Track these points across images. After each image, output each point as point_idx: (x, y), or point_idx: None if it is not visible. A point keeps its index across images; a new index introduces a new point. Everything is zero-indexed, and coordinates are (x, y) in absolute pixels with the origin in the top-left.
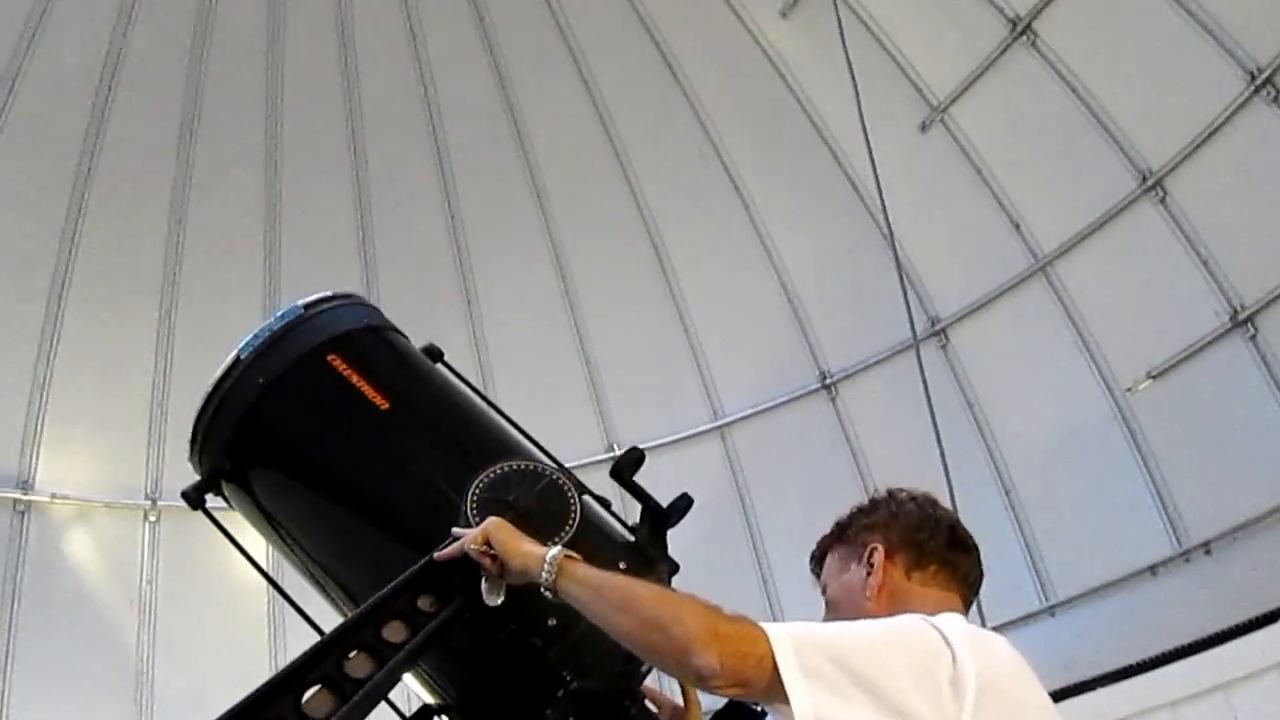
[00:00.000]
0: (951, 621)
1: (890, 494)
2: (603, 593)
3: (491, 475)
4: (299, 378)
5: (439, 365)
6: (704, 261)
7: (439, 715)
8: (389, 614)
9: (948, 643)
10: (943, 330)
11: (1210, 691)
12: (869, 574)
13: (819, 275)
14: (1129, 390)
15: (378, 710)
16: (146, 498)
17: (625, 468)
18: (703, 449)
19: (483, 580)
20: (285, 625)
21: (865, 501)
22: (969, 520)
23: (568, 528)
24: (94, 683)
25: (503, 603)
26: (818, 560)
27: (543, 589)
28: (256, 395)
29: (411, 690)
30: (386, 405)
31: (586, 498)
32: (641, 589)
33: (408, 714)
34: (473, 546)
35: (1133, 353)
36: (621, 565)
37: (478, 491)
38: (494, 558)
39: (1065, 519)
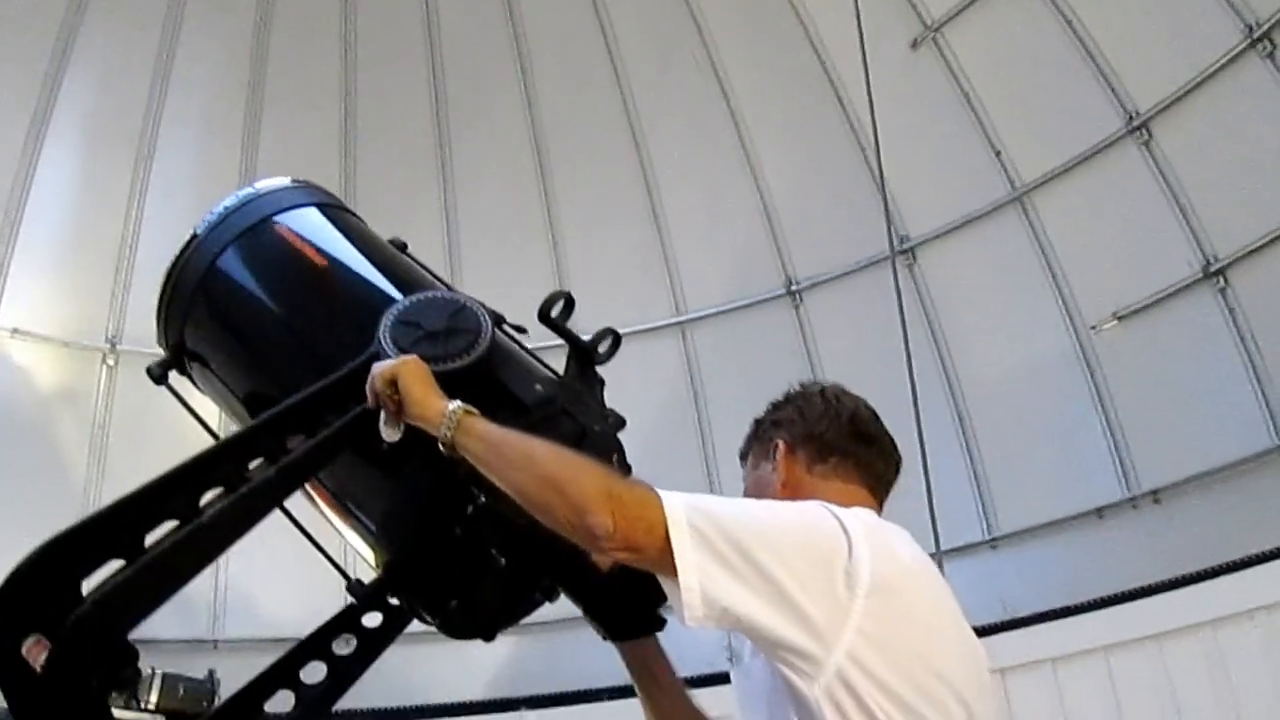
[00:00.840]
0: (853, 514)
1: (802, 388)
2: (500, 449)
3: (409, 302)
4: (247, 247)
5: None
6: (684, 160)
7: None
8: (294, 425)
9: (846, 534)
10: (911, 250)
11: (1143, 640)
12: (774, 470)
13: (795, 183)
14: (1094, 329)
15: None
16: (106, 341)
17: (550, 305)
18: (663, 344)
19: (382, 416)
20: None
21: (780, 397)
22: (917, 443)
23: (476, 345)
24: (37, 511)
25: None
26: (743, 458)
27: (440, 444)
28: (207, 266)
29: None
30: (324, 263)
31: (506, 327)
32: (540, 447)
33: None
34: (377, 386)
35: (1101, 293)
36: (538, 388)
37: (392, 315)
38: (397, 401)
39: (1017, 453)
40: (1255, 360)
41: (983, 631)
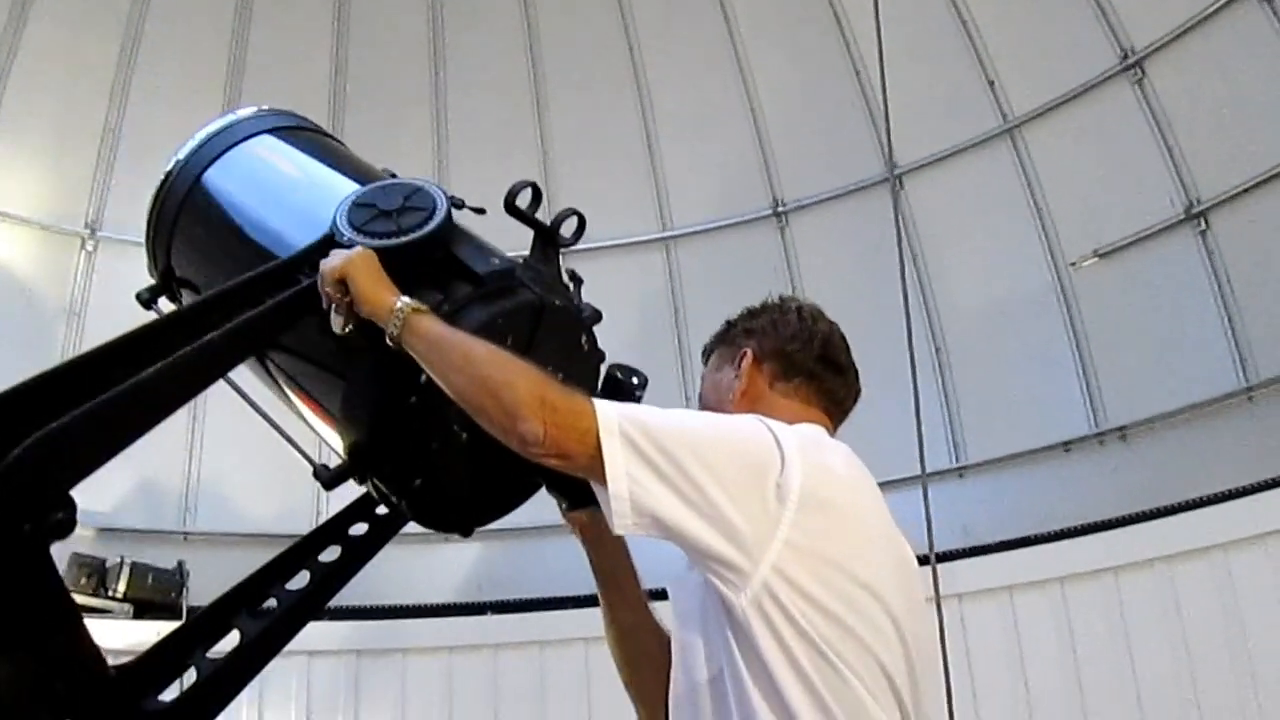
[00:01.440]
0: (791, 429)
1: (781, 301)
2: (441, 350)
3: (367, 188)
4: (225, 168)
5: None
6: (678, 77)
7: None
8: (247, 303)
9: (780, 448)
10: (900, 177)
11: (1101, 572)
12: (736, 377)
13: (789, 105)
14: (1073, 265)
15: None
16: (86, 226)
17: (515, 194)
18: (647, 258)
19: (332, 308)
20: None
21: (757, 304)
22: (893, 370)
23: (430, 220)
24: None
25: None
26: (705, 355)
27: (387, 339)
28: (188, 190)
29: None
30: (298, 174)
31: (467, 210)
32: (480, 350)
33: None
34: (326, 286)
35: (1084, 229)
36: (494, 261)
37: (349, 199)
38: (347, 301)
39: (989, 384)
40: (1229, 303)
41: (943, 557)
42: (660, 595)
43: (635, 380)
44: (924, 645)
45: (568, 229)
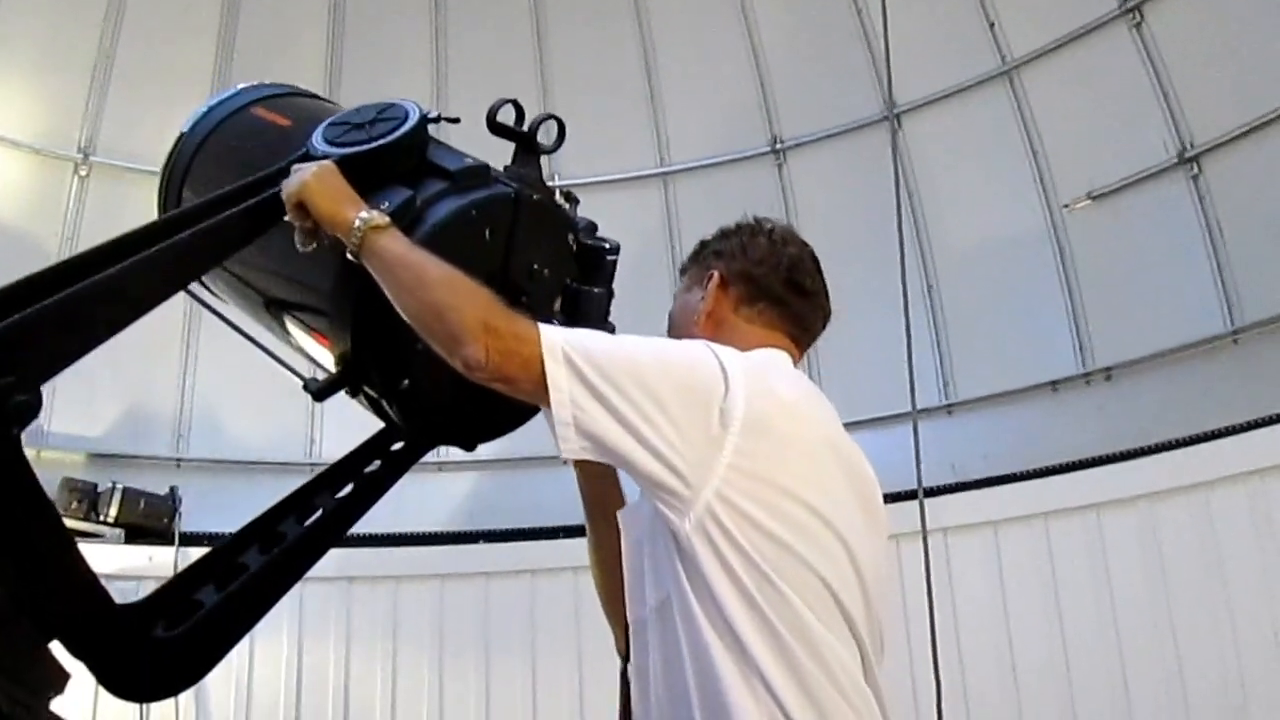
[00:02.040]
0: (740, 355)
1: (755, 222)
2: (394, 270)
3: (345, 111)
4: (228, 131)
5: None
6: (679, 9)
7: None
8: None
9: (724, 372)
10: (898, 116)
11: (1083, 509)
12: (702, 299)
13: (789, 42)
14: (1066, 208)
15: None
16: (79, 151)
17: (496, 110)
18: (644, 193)
19: (296, 229)
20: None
21: (731, 225)
22: (886, 308)
23: (402, 125)
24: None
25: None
26: (681, 274)
27: (348, 255)
28: (194, 153)
29: None
30: (291, 123)
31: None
32: (433, 272)
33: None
34: (287, 206)
35: (1078, 172)
36: (468, 160)
37: (326, 121)
38: (309, 225)
39: (980, 323)
40: (1218, 247)
41: (931, 493)
42: None
43: (607, 245)
44: (881, 568)
45: (548, 137)
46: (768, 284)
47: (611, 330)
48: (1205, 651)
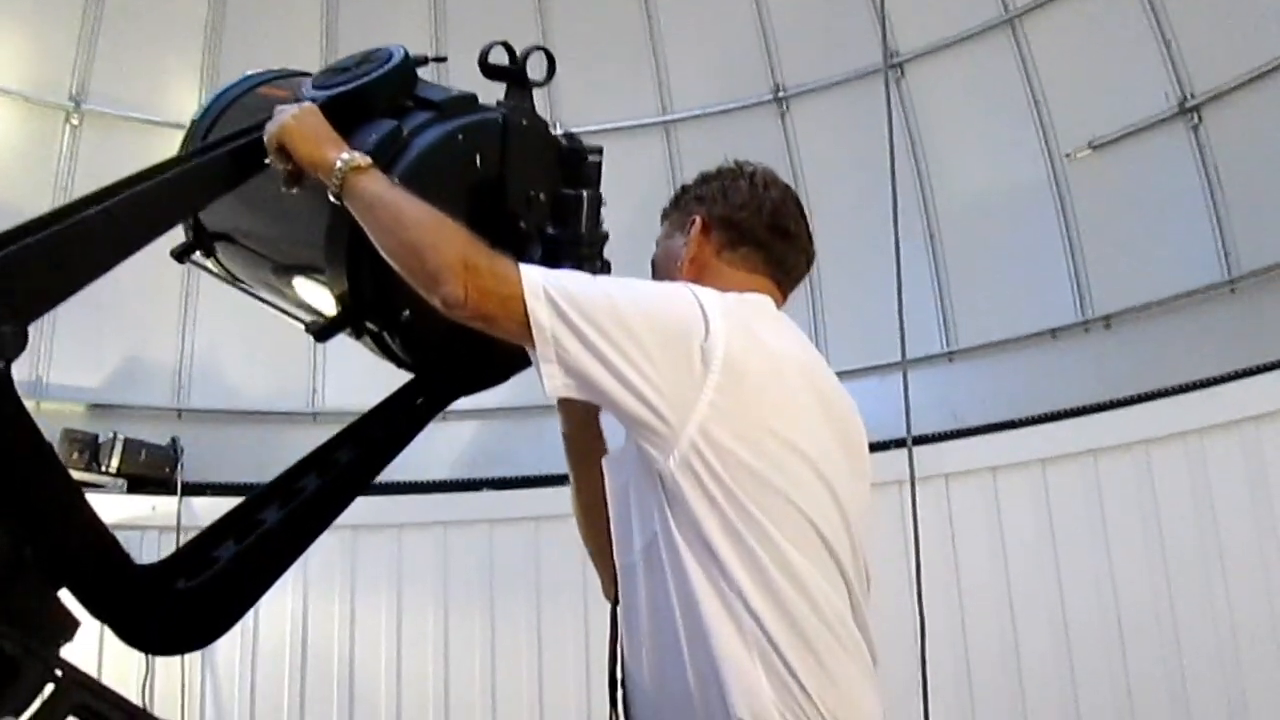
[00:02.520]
0: (720, 296)
1: (736, 166)
2: (374, 211)
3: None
4: (236, 110)
5: None
6: None
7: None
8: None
9: (704, 313)
10: (900, 65)
11: (1080, 455)
12: (685, 245)
13: None
14: (1068, 157)
15: None
16: (71, 99)
17: (487, 54)
18: (647, 142)
19: (280, 172)
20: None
21: (712, 170)
22: (889, 255)
23: (387, 64)
24: None
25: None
26: (662, 219)
27: (330, 197)
28: (201, 137)
29: None
30: (288, 94)
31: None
32: (412, 211)
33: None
34: (269, 150)
35: (1080, 121)
36: (455, 91)
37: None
38: (291, 168)
39: (982, 272)
40: (1216, 197)
41: (931, 439)
42: None
43: (587, 147)
44: (865, 514)
45: (538, 71)
46: (750, 227)
47: (607, 268)
48: (1196, 588)
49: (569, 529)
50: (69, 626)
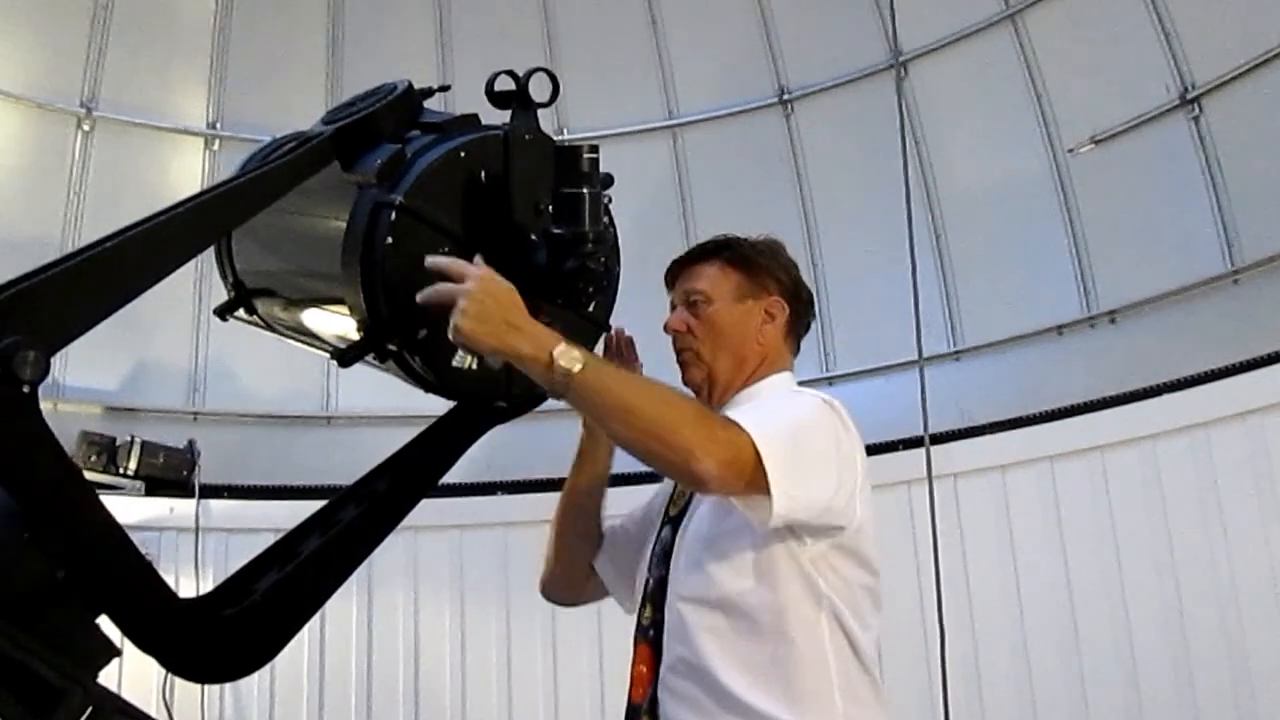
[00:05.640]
0: (836, 403)
1: (773, 245)
2: (604, 399)
3: None
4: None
5: None
6: None
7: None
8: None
9: (847, 429)
10: (904, 63)
11: (1086, 451)
12: (765, 323)
13: None
14: (1070, 152)
15: None
16: (82, 105)
17: (493, 82)
18: (654, 145)
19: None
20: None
21: (759, 240)
22: (894, 257)
23: (389, 96)
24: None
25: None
26: (694, 260)
27: (549, 391)
28: None
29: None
30: None
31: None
32: (634, 392)
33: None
34: (453, 335)
35: (1081, 116)
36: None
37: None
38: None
39: (987, 269)
40: (1218, 188)
41: (940, 438)
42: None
43: (583, 145)
44: None
45: (541, 93)
46: (807, 323)
47: (616, 258)
48: (1202, 579)
49: None
50: (107, 652)
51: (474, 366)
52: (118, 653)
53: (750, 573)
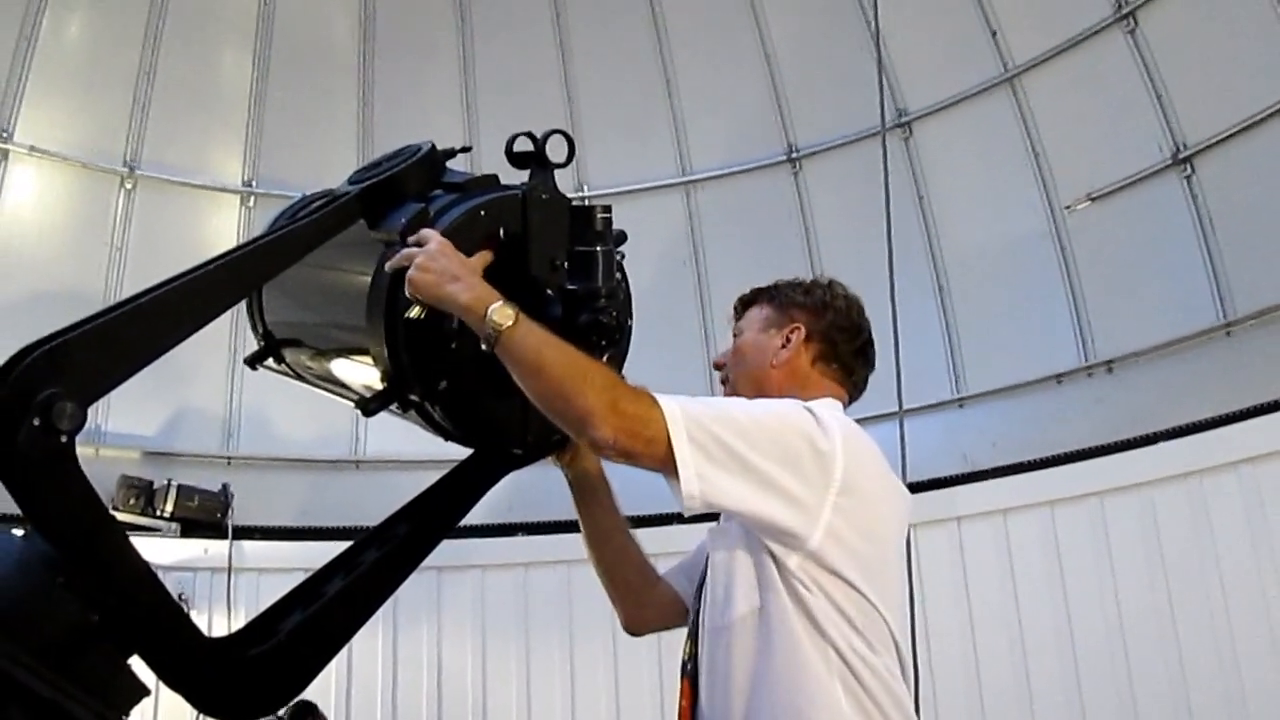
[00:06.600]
0: (831, 412)
1: (830, 284)
2: (525, 355)
3: None
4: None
5: None
6: (695, 24)
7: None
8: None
9: (825, 433)
10: (908, 124)
11: (1085, 497)
12: (783, 346)
13: (802, 53)
14: (1068, 209)
15: None
16: (125, 164)
17: (512, 144)
18: (668, 202)
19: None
20: (246, 327)
21: (805, 279)
22: (901, 308)
23: (412, 158)
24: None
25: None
26: (745, 304)
27: (483, 345)
28: None
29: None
30: None
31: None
32: (551, 354)
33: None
34: (423, 286)
35: (1078, 174)
36: (479, 176)
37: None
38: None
39: (988, 321)
40: (1210, 244)
41: (944, 483)
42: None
43: (597, 206)
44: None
45: (558, 154)
46: (844, 350)
47: (628, 309)
48: (1199, 622)
49: None
50: (138, 693)
51: (422, 316)
52: (147, 693)
53: (752, 593)
